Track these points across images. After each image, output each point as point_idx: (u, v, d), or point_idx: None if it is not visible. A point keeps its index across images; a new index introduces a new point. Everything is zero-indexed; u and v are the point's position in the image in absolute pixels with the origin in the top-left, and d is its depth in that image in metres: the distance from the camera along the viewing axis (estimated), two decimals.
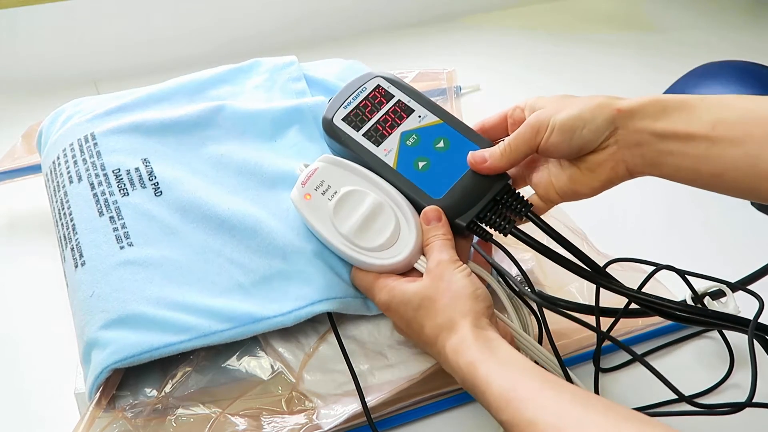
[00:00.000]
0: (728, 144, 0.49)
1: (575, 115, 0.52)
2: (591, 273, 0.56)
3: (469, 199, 0.56)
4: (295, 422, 0.54)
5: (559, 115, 0.53)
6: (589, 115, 0.52)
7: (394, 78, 0.61)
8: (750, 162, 0.49)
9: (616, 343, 0.60)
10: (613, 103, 0.52)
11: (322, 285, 0.57)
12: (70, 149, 0.64)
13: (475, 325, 0.49)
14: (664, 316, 0.58)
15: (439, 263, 0.53)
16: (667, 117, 0.51)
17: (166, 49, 1.08)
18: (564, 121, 0.52)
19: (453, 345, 0.49)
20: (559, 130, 0.53)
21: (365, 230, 0.56)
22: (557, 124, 0.53)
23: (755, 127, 0.49)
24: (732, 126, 0.49)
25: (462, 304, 0.50)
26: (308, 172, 0.58)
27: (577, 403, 0.43)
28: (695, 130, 0.50)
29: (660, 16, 1.32)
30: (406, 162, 0.58)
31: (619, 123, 0.52)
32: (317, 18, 1.17)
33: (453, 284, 0.51)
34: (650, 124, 0.51)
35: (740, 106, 0.50)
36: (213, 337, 0.54)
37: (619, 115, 0.52)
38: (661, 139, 0.51)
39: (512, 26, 1.26)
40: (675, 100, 0.51)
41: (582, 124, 0.52)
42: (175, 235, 0.59)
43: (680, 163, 0.51)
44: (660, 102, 0.52)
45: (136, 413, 0.53)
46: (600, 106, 0.52)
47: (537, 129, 0.53)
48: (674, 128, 0.51)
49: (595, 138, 0.53)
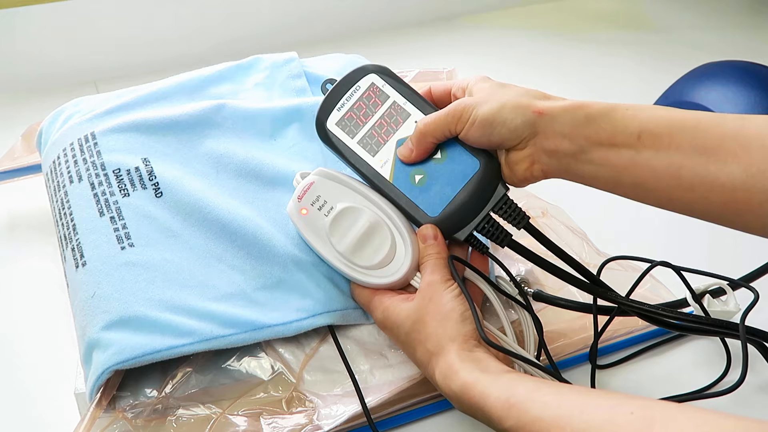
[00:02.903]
0: (652, 154, 0.49)
1: (495, 111, 0.52)
2: (584, 283, 0.58)
3: (467, 214, 0.56)
4: (295, 422, 0.54)
5: (481, 108, 0.53)
6: (509, 114, 0.52)
7: (388, 72, 0.60)
8: (673, 172, 0.49)
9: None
10: (535, 105, 0.52)
11: (322, 298, 0.58)
12: (70, 149, 0.64)
13: (463, 348, 0.50)
14: (653, 322, 0.59)
15: (430, 284, 0.53)
16: (590, 124, 0.51)
17: (166, 49, 1.07)
18: (484, 116, 0.53)
19: (442, 371, 0.50)
20: (480, 124, 0.53)
21: (361, 249, 0.56)
22: (478, 118, 0.53)
23: (682, 139, 0.48)
24: (658, 136, 0.49)
25: (450, 327, 0.51)
26: (304, 185, 0.58)
27: (576, 394, 0.44)
28: (620, 139, 0.50)
29: (660, 16, 1.32)
30: (403, 175, 0.57)
31: (539, 126, 0.52)
32: (317, 18, 1.17)
33: (442, 307, 0.52)
34: (571, 131, 0.51)
35: (667, 116, 0.50)
36: (214, 342, 0.54)
37: (539, 118, 0.52)
38: (582, 146, 0.51)
39: (512, 26, 1.26)
40: (600, 108, 0.51)
41: (501, 121, 0.52)
42: (176, 237, 0.59)
43: (598, 171, 0.52)
44: (584, 108, 0.51)
45: (137, 413, 0.53)
46: (521, 106, 0.52)
47: (459, 117, 0.54)
48: (597, 136, 0.51)
49: (512, 137, 0.53)
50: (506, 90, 0.54)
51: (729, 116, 0.49)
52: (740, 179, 0.46)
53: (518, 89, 0.54)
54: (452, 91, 0.59)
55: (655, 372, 0.63)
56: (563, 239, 0.70)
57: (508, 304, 0.59)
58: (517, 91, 0.54)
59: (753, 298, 0.58)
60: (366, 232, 0.56)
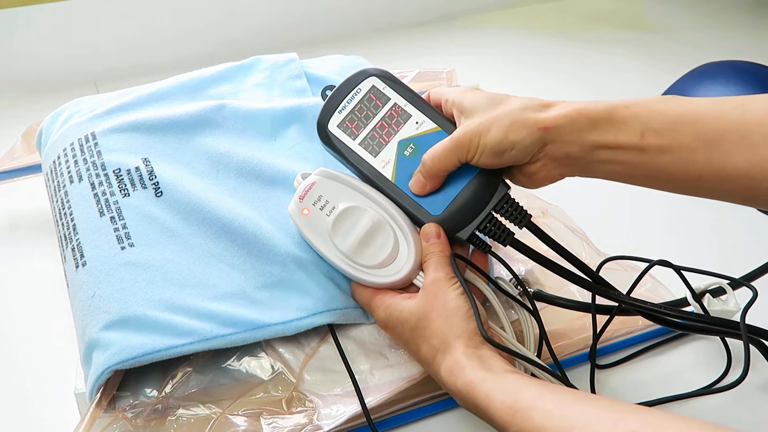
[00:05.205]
0: (657, 152, 0.50)
1: (502, 136, 0.52)
2: (586, 281, 0.58)
3: (470, 212, 0.56)
4: (295, 423, 0.54)
5: (488, 137, 0.53)
6: (516, 136, 0.52)
7: (388, 75, 0.60)
8: (679, 166, 0.50)
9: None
10: (539, 120, 0.52)
11: (322, 296, 0.57)
12: (70, 149, 0.64)
13: (468, 345, 0.50)
14: (654, 320, 0.59)
15: (434, 281, 0.53)
16: (593, 129, 0.51)
17: (166, 49, 1.08)
18: (493, 145, 0.53)
19: (448, 367, 0.50)
20: (489, 152, 0.53)
21: (364, 248, 0.56)
22: (487, 148, 0.53)
23: (684, 135, 0.49)
24: (660, 134, 0.50)
25: (456, 324, 0.51)
26: (305, 186, 0.58)
27: (579, 403, 0.44)
28: (624, 140, 0.51)
29: (660, 16, 1.32)
30: (405, 175, 0.57)
31: (547, 140, 0.52)
32: (317, 18, 1.17)
33: (447, 303, 0.52)
34: (577, 138, 0.52)
35: (668, 112, 0.50)
36: (214, 342, 0.54)
37: (546, 133, 0.52)
38: (590, 150, 0.52)
39: (512, 26, 1.26)
40: (601, 111, 0.51)
41: (510, 146, 0.53)
42: (176, 237, 0.59)
43: (612, 168, 0.52)
44: (585, 114, 0.52)
45: (137, 413, 0.53)
46: (526, 124, 0.52)
47: (467, 148, 0.54)
48: (602, 140, 0.51)
49: (524, 156, 0.53)
50: (503, 106, 0.53)
51: (729, 103, 0.49)
52: (744, 168, 0.47)
53: (514, 103, 0.54)
54: (442, 105, 0.58)
55: (655, 372, 0.63)
56: (563, 239, 0.70)
57: (508, 304, 0.59)
58: (516, 106, 0.53)
59: (752, 295, 0.58)
60: (369, 231, 0.56)
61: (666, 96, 0.52)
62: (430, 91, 0.60)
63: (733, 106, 0.48)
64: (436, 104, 0.59)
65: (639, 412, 0.42)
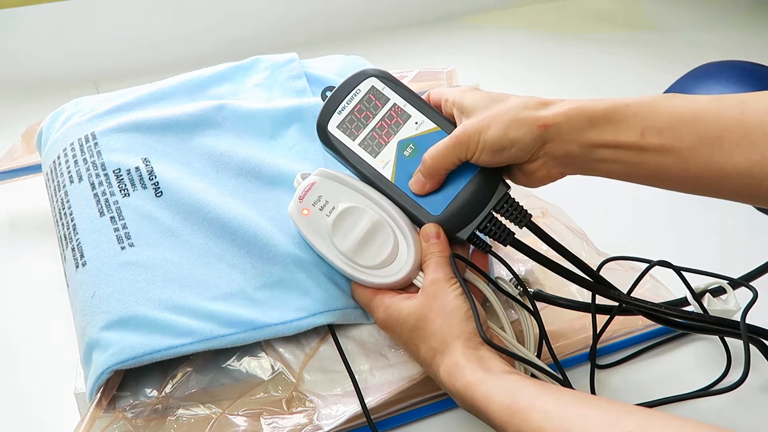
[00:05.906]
0: (657, 151, 0.50)
1: (502, 134, 0.52)
2: (586, 280, 0.58)
3: (470, 212, 0.56)
4: (295, 422, 0.54)
5: (487, 134, 0.53)
6: (516, 133, 0.52)
7: (388, 75, 0.60)
8: (680, 165, 0.49)
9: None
10: (538, 117, 0.52)
11: (322, 297, 0.58)
12: (70, 149, 0.64)
13: (468, 346, 0.50)
14: (655, 320, 0.59)
15: (434, 281, 0.53)
16: (593, 128, 0.51)
17: (166, 50, 1.08)
18: (492, 142, 0.53)
19: (447, 368, 0.50)
20: (489, 150, 0.53)
21: (364, 248, 0.56)
22: (486, 145, 0.53)
23: (684, 134, 0.49)
24: (660, 133, 0.50)
25: (455, 325, 0.51)
26: (305, 186, 0.58)
27: (577, 403, 0.44)
28: (624, 139, 0.51)
29: (660, 16, 1.32)
30: (404, 175, 0.57)
31: (547, 137, 0.52)
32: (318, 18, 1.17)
33: (447, 304, 0.52)
34: (577, 136, 0.52)
35: (668, 110, 0.50)
36: (214, 342, 0.54)
37: (546, 131, 0.52)
38: (590, 148, 0.52)
39: (512, 26, 1.26)
40: (601, 109, 0.51)
41: (510, 143, 0.52)
42: (176, 237, 0.59)
43: (612, 167, 0.52)
44: (585, 112, 0.51)
45: (137, 413, 0.53)
46: (526, 122, 0.52)
47: (466, 146, 0.54)
48: (602, 139, 0.51)
49: (523, 155, 0.53)
50: (503, 104, 0.54)
51: (728, 101, 0.49)
52: (745, 167, 0.47)
53: (514, 101, 0.54)
54: (442, 105, 0.58)
55: (655, 372, 0.63)
56: (563, 239, 0.70)
57: (508, 304, 0.59)
58: (515, 104, 0.53)
59: (752, 296, 0.58)
60: (368, 231, 0.56)
61: (666, 94, 0.52)
62: (430, 91, 0.60)
63: (733, 104, 0.48)
64: (436, 104, 0.59)
65: (636, 413, 0.42)
